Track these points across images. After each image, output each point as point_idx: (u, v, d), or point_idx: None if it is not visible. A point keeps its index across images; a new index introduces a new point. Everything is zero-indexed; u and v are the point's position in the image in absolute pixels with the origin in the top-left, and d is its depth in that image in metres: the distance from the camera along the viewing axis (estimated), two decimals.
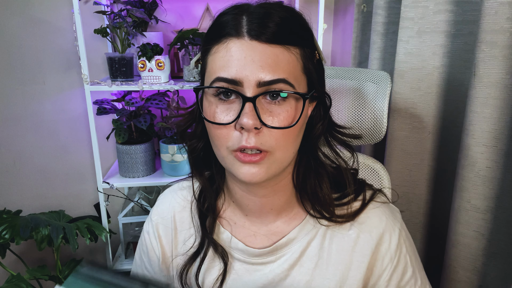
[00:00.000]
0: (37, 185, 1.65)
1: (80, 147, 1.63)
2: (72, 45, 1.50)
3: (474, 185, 0.77)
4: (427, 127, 0.98)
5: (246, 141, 0.49)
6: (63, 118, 1.59)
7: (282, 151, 0.52)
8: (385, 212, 0.61)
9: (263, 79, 0.48)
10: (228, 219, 0.64)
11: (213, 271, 0.63)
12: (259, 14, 0.49)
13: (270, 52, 0.48)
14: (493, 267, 0.79)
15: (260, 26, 0.48)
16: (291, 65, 0.50)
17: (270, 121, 0.50)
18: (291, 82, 0.49)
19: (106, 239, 1.40)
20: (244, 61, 0.48)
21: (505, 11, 0.68)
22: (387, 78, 0.77)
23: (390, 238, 0.59)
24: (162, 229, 0.67)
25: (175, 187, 0.70)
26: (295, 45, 0.50)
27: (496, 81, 0.71)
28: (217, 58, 0.50)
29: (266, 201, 0.60)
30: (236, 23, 0.49)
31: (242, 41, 0.48)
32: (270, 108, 0.50)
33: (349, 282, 0.59)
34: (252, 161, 0.50)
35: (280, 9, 0.51)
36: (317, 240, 0.60)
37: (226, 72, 0.49)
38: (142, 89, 1.30)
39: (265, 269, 0.61)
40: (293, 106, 0.51)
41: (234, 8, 0.52)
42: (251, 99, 0.48)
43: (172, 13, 1.51)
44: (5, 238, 1.23)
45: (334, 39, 1.69)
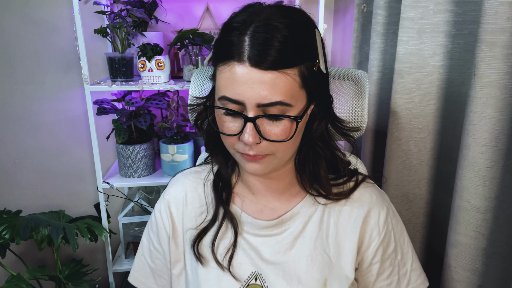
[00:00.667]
0: (37, 185, 1.65)
1: (80, 147, 1.63)
2: (72, 45, 1.50)
3: (474, 185, 0.77)
4: (427, 127, 0.98)
5: (248, 151, 0.58)
6: (63, 118, 1.59)
7: (282, 153, 0.60)
8: (374, 191, 0.71)
9: (262, 102, 0.54)
10: (239, 194, 0.72)
11: (224, 241, 0.69)
12: (260, 39, 0.53)
13: (268, 78, 0.53)
14: (493, 267, 0.79)
15: (260, 55, 0.52)
16: (288, 86, 0.54)
17: (268, 136, 0.57)
18: (288, 103, 0.55)
19: (106, 239, 1.40)
20: (245, 85, 0.54)
21: (505, 11, 0.68)
22: (365, 76, 0.82)
23: (378, 213, 0.68)
24: (174, 207, 0.73)
25: (187, 171, 0.78)
26: (293, 67, 0.55)
27: (496, 81, 0.71)
28: (223, 78, 0.56)
29: (271, 183, 0.69)
30: (239, 46, 0.53)
31: (243, 66, 0.53)
32: (269, 124, 0.57)
33: (345, 251, 0.67)
34: (256, 159, 0.59)
35: (283, 28, 0.53)
36: (317, 214, 0.68)
37: (230, 93, 0.55)
38: (142, 89, 1.30)
39: (271, 241, 0.68)
40: (289, 122, 0.57)
41: (241, 24, 0.55)
42: (251, 119, 0.55)
43: (172, 13, 1.51)
44: (5, 238, 1.23)
45: (334, 39, 1.69)
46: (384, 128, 1.13)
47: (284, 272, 0.66)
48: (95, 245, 1.73)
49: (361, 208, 0.68)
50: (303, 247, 0.67)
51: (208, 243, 0.69)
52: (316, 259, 0.66)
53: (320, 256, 0.66)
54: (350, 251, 0.67)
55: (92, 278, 1.51)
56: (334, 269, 0.66)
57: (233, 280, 0.67)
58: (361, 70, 0.84)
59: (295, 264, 0.66)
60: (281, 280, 0.66)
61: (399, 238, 0.70)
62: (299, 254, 0.67)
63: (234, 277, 0.67)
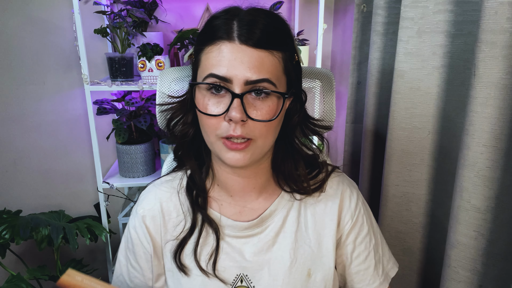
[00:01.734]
0: (37, 185, 1.65)
1: (80, 147, 1.63)
2: (72, 45, 1.50)
3: (474, 185, 0.77)
4: (427, 127, 0.98)
5: (233, 130, 0.57)
6: (63, 118, 1.59)
7: (263, 139, 0.60)
8: (344, 180, 0.74)
9: (250, 78, 0.56)
10: (216, 198, 0.70)
11: (206, 248, 0.68)
12: (247, 21, 0.57)
13: (256, 55, 0.56)
14: (493, 267, 0.79)
15: (248, 32, 0.56)
16: (274, 67, 0.58)
17: (254, 115, 0.58)
18: (274, 82, 0.58)
19: (106, 239, 1.40)
20: (234, 62, 0.56)
21: (505, 11, 0.68)
22: (330, 75, 0.85)
23: (350, 199, 0.72)
24: (150, 221, 0.70)
25: (157, 182, 0.75)
26: (278, 50, 0.58)
27: (496, 81, 0.71)
28: (210, 57, 0.57)
29: (249, 181, 0.68)
30: (228, 27, 0.57)
31: (233, 44, 0.56)
32: (255, 103, 0.58)
33: (325, 239, 0.69)
34: (238, 148, 0.59)
35: (265, 16, 0.58)
36: (294, 209, 0.70)
37: (218, 70, 0.56)
38: (142, 89, 1.30)
39: (253, 240, 0.68)
40: (274, 102, 0.59)
41: (226, 13, 0.59)
42: (239, 95, 0.56)
43: (172, 13, 1.51)
44: (5, 238, 1.23)
45: (334, 39, 1.69)
46: (384, 128, 1.13)
47: (269, 269, 0.67)
48: (95, 245, 1.73)
49: (335, 196, 0.71)
50: (284, 242, 0.68)
51: (190, 252, 0.68)
52: (298, 252, 0.68)
53: (301, 248, 0.68)
54: (330, 238, 0.69)
55: None
56: (316, 259, 0.69)
57: (219, 285, 0.66)
58: (327, 69, 0.88)
59: (279, 260, 0.67)
60: (266, 278, 0.67)
61: (371, 223, 0.74)
62: (281, 249, 0.68)
63: (220, 281, 0.66)
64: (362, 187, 1.26)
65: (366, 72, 1.31)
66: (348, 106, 1.38)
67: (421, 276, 1.09)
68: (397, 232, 1.08)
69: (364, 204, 0.74)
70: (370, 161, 1.22)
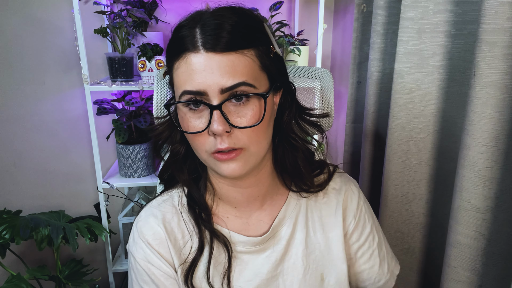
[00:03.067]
0: (37, 185, 1.65)
1: (80, 147, 1.63)
2: (72, 45, 1.50)
3: (474, 185, 0.77)
4: (427, 127, 0.98)
5: (220, 143, 0.54)
6: (63, 118, 1.59)
7: (256, 145, 0.57)
8: (346, 179, 0.73)
9: (225, 85, 0.52)
10: (221, 215, 0.67)
11: (218, 268, 0.65)
12: (211, 25, 0.53)
13: (226, 60, 0.52)
14: (493, 267, 0.79)
15: (213, 38, 0.52)
16: (248, 67, 0.54)
17: (238, 122, 0.54)
18: (251, 83, 0.54)
19: (106, 239, 1.40)
20: (204, 72, 0.52)
21: (505, 11, 0.68)
22: (329, 74, 0.85)
23: (351, 198, 0.71)
24: (158, 246, 0.64)
25: (154, 203, 0.68)
26: (249, 48, 0.54)
27: (496, 81, 0.71)
28: (180, 73, 0.54)
29: (252, 191, 0.65)
30: (191, 37, 0.53)
31: (199, 54, 0.52)
32: (236, 110, 0.54)
33: (334, 241, 0.68)
34: (230, 158, 0.55)
35: (231, 15, 0.54)
36: (302, 214, 0.68)
37: (190, 85, 0.53)
38: (142, 89, 1.30)
39: (267, 253, 0.66)
40: (257, 104, 0.55)
41: (189, 21, 0.55)
42: (217, 106, 0.52)
43: (172, 13, 1.51)
44: (5, 238, 1.23)
45: (334, 39, 1.69)
46: (384, 128, 1.13)
47: (284, 279, 0.66)
48: (95, 245, 1.73)
49: (338, 197, 0.70)
50: (296, 250, 0.67)
51: (202, 274, 0.64)
52: (310, 258, 0.67)
53: (312, 253, 0.67)
54: (339, 240, 0.68)
55: (92, 278, 1.51)
56: (328, 262, 0.68)
57: None
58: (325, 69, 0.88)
59: (292, 268, 0.66)
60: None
61: (373, 221, 0.73)
62: (293, 257, 0.67)
63: None
64: (362, 187, 1.26)
65: (366, 72, 1.31)
66: (348, 106, 1.38)
67: (421, 276, 1.09)
68: (397, 232, 1.08)
69: (366, 203, 0.74)
70: (370, 161, 1.22)
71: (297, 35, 1.48)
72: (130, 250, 0.66)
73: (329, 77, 0.85)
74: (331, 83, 0.85)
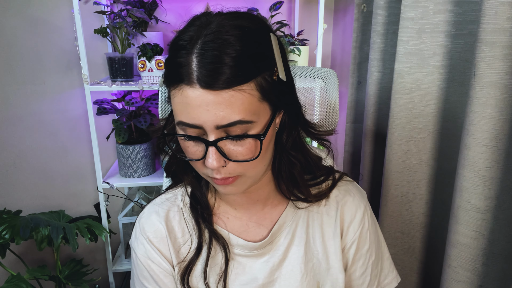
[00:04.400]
0: (37, 185, 1.65)
1: (80, 147, 1.63)
2: (72, 45, 1.50)
3: (474, 185, 0.77)
4: (427, 127, 0.98)
5: (215, 174, 0.54)
6: (63, 118, 1.59)
7: (252, 170, 0.56)
8: (353, 189, 0.70)
9: (220, 123, 0.50)
10: (221, 215, 0.67)
11: (215, 268, 0.65)
12: (208, 57, 0.48)
13: (222, 98, 0.49)
14: (493, 267, 0.79)
15: (208, 75, 0.48)
16: (246, 103, 0.50)
17: (234, 156, 0.53)
18: (248, 120, 0.51)
19: (106, 239, 1.40)
20: (199, 109, 0.49)
21: (505, 11, 0.68)
22: (334, 75, 0.85)
23: (356, 212, 0.68)
24: (159, 243, 0.65)
25: (157, 201, 0.69)
26: (248, 82, 0.50)
27: (496, 81, 0.71)
28: (176, 103, 0.52)
29: (251, 195, 0.65)
30: (187, 67, 0.49)
31: (195, 89, 0.49)
32: (233, 144, 0.52)
33: (332, 250, 0.67)
34: (226, 183, 0.55)
35: (235, 41, 0.49)
36: (302, 221, 0.67)
37: (186, 118, 0.51)
38: (142, 89, 1.30)
39: (265, 258, 0.66)
40: (253, 141, 0.53)
41: (188, 41, 0.50)
42: (212, 143, 0.51)
43: (172, 13, 1.51)
44: (5, 238, 1.23)
45: (334, 39, 1.69)
46: (384, 128, 1.13)
47: (281, 285, 0.66)
48: (95, 245, 1.73)
49: (340, 207, 0.68)
50: (294, 256, 0.66)
51: (198, 274, 0.64)
52: (308, 265, 0.66)
53: (310, 261, 0.66)
54: (336, 249, 0.67)
55: (92, 278, 1.51)
56: (325, 271, 0.67)
57: None
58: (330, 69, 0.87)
59: (289, 274, 0.66)
60: None
61: (374, 239, 0.70)
62: (291, 264, 0.66)
63: None
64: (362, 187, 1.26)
65: (366, 72, 1.31)
66: (348, 106, 1.38)
67: (421, 276, 1.09)
68: (397, 232, 1.08)
69: (371, 218, 0.70)
70: (370, 161, 1.22)
71: (297, 35, 1.48)
72: (132, 245, 0.67)
73: (334, 77, 0.85)
74: (336, 83, 0.85)
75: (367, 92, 1.18)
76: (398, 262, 1.10)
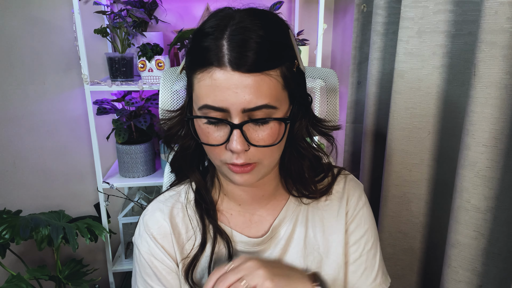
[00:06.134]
0: (37, 185, 1.65)
1: (80, 147, 1.63)
2: (72, 45, 1.50)
3: (474, 185, 0.77)
4: (427, 127, 0.98)
5: (236, 159, 0.55)
6: (63, 118, 1.59)
7: (269, 159, 0.58)
8: (351, 182, 0.72)
9: (247, 106, 0.51)
10: (225, 211, 0.68)
11: (219, 264, 0.65)
12: (238, 41, 0.51)
13: (251, 81, 0.51)
14: (493, 267, 0.79)
15: (239, 57, 0.50)
16: (272, 88, 0.53)
17: (256, 141, 0.55)
18: (273, 105, 0.53)
19: (106, 239, 1.40)
20: (228, 91, 0.51)
21: (505, 11, 0.68)
22: (334, 75, 0.85)
23: (352, 198, 0.70)
24: (162, 240, 0.66)
25: (161, 198, 0.70)
26: (275, 68, 0.53)
27: (496, 81, 0.71)
28: (203, 86, 0.53)
29: (257, 190, 0.66)
30: (218, 51, 0.51)
31: (225, 72, 0.51)
32: (256, 129, 0.54)
33: (334, 245, 0.68)
34: (244, 171, 0.57)
35: (259, 29, 0.52)
36: (302, 215, 0.68)
37: (213, 101, 0.52)
38: (142, 89, 1.30)
39: (267, 253, 0.67)
40: (276, 126, 0.55)
41: (215, 29, 0.52)
42: (238, 126, 0.52)
43: (172, 13, 1.51)
44: (5, 238, 1.23)
45: (334, 39, 1.69)
46: (384, 128, 1.13)
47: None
48: (95, 245, 1.73)
49: (342, 200, 0.69)
50: (295, 250, 0.67)
51: (203, 269, 0.65)
52: (308, 259, 0.67)
53: (311, 255, 0.67)
54: (339, 244, 0.68)
55: (92, 278, 1.51)
56: (325, 264, 0.68)
57: None
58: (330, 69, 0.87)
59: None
60: None
61: (369, 229, 0.70)
62: (292, 258, 0.67)
63: None
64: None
65: (366, 72, 1.31)
66: (348, 106, 1.38)
67: (421, 276, 1.09)
68: (397, 232, 1.08)
69: (368, 209, 0.71)
70: (370, 161, 1.22)
71: (297, 35, 1.48)
72: (136, 242, 0.68)
73: (335, 77, 0.85)
74: (336, 83, 0.85)
75: (367, 92, 1.18)
76: (398, 262, 1.10)
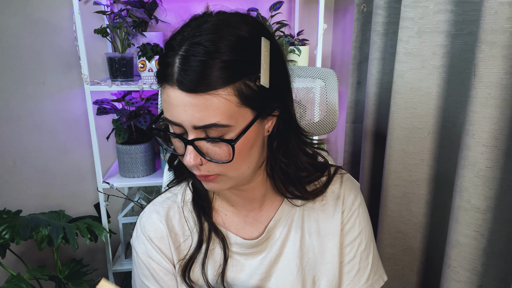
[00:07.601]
0: (37, 185, 1.65)
1: (80, 147, 1.63)
2: (72, 45, 1.50)
3: (474, 185, 0.77)
4: (427, 127, 0.98)
5: (195, 171, 0.57)
6: (63, 118, 1.59)
7: (234, 171, 0.57)
8: (347, 181, 0.71)
9: (197, 124, 0.51)
10: (220, 211, 0.68)
11: (215, 264, 0.67)
12: (184, 59, 0.50)
13: (198, 101, 0.50)
14: (493, 267, 0.79)
15: (183, 77, 0.50)
16: (222, 107, 0.50)
17: (211, 157, 0.54)
18: (224, 124, 0.51)
19: (106, 239, 1.40)
20: (178, 109, 0.51)
21: (505, 11, 0.68)
22: (334, 75, 0.86)
23: (347, 197, 0.69)
24: (159, 242, 0.66)
25: (158, 200, 0.70)
26: (223, 87, 0.50)
27: (496, 81, 0.71)
28: (163, 99, 0.54)
29: (247, 194, 0.66)
30: (171, 68, 0.51)
31: (174, 89, 0.51)
32: (210, 145, 0.54)
33: (329, 245, 0.68)
34: (207, 180, 0.57)
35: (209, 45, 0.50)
36: (298, 216, 0.68)
37: (169, 115, 0.53)
38: (142, 89, 1.30)
39: (262, 255, 0.67)
40: (225, 146, 0.53)
41: (179, 41, 0.52)
42: (190, 142, 0.53)
43: (172, 13, 1.51)
44: (5, 238, 1.23)
45: (334, 39, 1.69)
46: (384, 128, 1.13)
47: (277, 279, 0.67)
48: (95, 245, 1.73)
49: (338, 199, 0.69)
50: (290, 251, 0.67)
51: (199, 269, 0.66)
52: (303, 260, 0.67)
53: (306, 256, 0.67)
54: (334, 244, 0.68)
55: (92, 278, 1.51)
56: (320, 265, 0.68)
57: None
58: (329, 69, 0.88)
59: (285, 269, 0.67)
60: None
61: (364, 229, 0.70)
62: (287, 259, 0.67)
63: None
64: (362, 187, 1.26)
65: (366, 72, 1.31)
66: (348, 106, 1.38)
67: (421, 276, 1.09)
68: (397, 232, 1.08)
69: (363, 209, 0.71)
70: (370, 161, 1.22)
71: (297, 35, 1.48)
72: (133, 244, 0.69)
73: (334, 77, 0.85)
74: (335, 83, 0.85)
75: (367, 92, 1.18)
76: (398, 262, 1.10)
